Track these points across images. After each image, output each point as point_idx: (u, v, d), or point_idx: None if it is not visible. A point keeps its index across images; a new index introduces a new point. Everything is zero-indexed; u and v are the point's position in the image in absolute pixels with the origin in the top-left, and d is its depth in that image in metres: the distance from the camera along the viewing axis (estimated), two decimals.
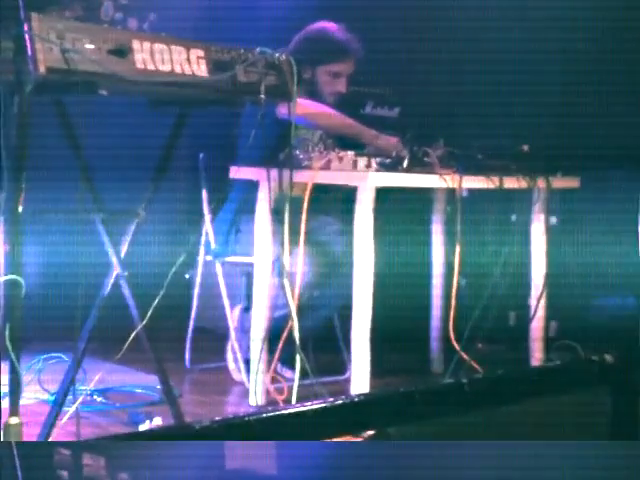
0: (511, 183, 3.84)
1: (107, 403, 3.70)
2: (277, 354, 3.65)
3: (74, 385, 3.12)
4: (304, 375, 3.50)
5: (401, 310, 4.41)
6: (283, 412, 1.96)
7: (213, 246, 4.20)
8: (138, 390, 3.89)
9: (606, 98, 4.64)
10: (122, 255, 3.18)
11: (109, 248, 3.16)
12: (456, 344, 3.76)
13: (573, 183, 4.16)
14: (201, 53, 3.00)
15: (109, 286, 3.17)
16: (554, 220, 4.55)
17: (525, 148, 3.95)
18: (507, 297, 4.11)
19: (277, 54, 3.21)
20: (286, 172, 3.49)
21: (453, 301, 3.75)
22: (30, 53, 2.60)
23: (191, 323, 4.30)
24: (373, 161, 3.58)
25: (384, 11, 5.07)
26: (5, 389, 2.74)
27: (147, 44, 2.86)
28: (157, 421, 3.37)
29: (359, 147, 3.88)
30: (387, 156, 3.65)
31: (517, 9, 4.81)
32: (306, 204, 3.48)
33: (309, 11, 4.51)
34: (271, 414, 1.92)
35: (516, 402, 2.29)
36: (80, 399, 3.14)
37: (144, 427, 3.33)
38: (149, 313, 3.12)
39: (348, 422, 2.01)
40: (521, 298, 4.26)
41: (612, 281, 4.52)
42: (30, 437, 2.97)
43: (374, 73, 4.28)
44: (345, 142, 3.98)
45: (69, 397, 3.10)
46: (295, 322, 3.45)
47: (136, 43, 2.83)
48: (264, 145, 3.55)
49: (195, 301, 4.30)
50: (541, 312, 4.12)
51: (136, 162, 3.48)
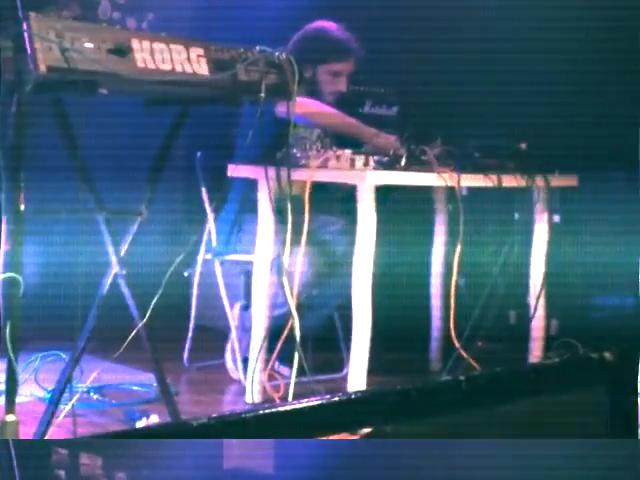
0: (509, 181, 3.84)
1: (104, 401, 3.69)
2: (275, 352, 3.65)
3: (71, 383, 3.12)
4: (301, 373, 3.50)
5: (401, 310, 4.40)
6: (279, 409, 1.96)
7: (214, 245, 4.20)
8: (135, 388, 3.88)
9: (603, 97, 4.64)
10: (122, 254, 3.18)
11: (110, 247, 3.16)
12: (456, 341, 3.76)
13: (571, 181, 4.16)
14: (201, 52, 3.00)
15: (108, 285, 3.17)
16: (557, 219, 4.56)
17: (523, 146, 3.95)
18: (507, 296, 4.11)
19: (277, 53, 3.21)
20: (284, 170, 3.49)
21: (453, 300, 3.75)
22: (30, 52, 2.60)
23: (191, 321, 4.30)
24: (371, 159, 3.58)
25: (382, 11, 5.08)
26: (1, 387, 2.74)
27: (147, 43, 2.86)
28: (153, 419, 3.36)
29: (356, 145, 3.88)
30: (385, 154, 3.65)
31: (515, 8, 4.81)
32: (307, 204, 3.48)
33: (308, 11, 4.51)
34: (267, 411, 1.93)
35: (514, 400, 2.29)
36: (76, 397, 3.15)
37: (141, 425, 3.32)
38: (148, 311, 3.13)
39: (345, 420, 2.01)
40: (521, 297, 4.26)
41: (612, 280, 4.52)
42: (27, 435, 2.97)
43: (372, 72, 4.27)
44: (343, 140, 3.98)
45: (65, 395, 3.09)
46: (296, 320, 3.46)
47: (135, 42, 2.84)
48: (262, 144, 3.55)
49: (194, 300, 4.30)
50: (541, 311, 4.12)
51: (136, 162, 3.47)
